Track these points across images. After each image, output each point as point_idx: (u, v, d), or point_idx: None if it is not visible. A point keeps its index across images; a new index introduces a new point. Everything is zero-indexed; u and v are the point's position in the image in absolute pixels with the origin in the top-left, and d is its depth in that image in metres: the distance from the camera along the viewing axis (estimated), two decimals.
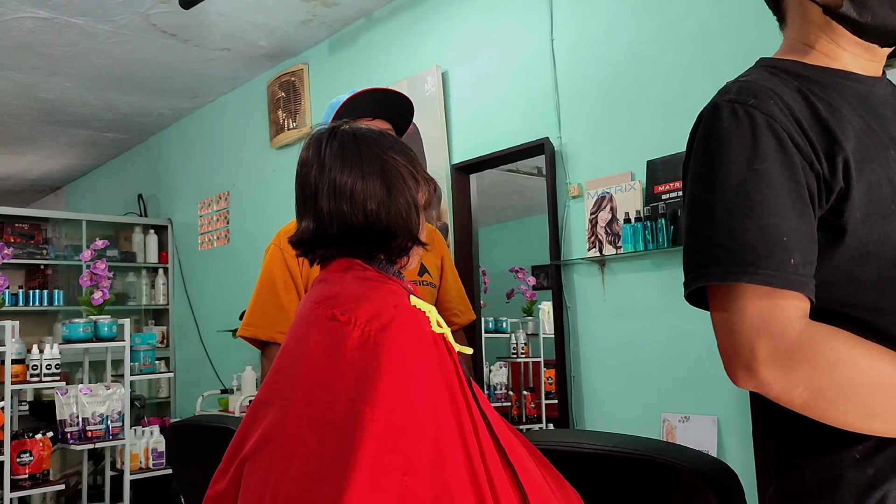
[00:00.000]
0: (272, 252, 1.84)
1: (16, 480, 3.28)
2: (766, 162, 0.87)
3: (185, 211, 5.49)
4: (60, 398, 3.60)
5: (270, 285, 1.80)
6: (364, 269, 1.10)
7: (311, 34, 4.03)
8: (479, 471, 0.97)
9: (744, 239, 0.86)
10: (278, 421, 1.02)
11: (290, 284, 1.78)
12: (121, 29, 3.85)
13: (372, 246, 1.12)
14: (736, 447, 2.31)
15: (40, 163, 6.59)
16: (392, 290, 1.07)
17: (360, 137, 1.16)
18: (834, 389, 0.83)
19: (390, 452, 0.92)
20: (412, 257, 1.16)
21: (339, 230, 1.11)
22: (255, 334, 1.80)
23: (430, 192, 1.19)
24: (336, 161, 1.12)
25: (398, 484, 0.91)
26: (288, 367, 1.06)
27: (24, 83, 4.59)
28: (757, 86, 0.92)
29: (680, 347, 2.47)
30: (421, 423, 0.96)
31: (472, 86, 3.26)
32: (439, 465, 0.94)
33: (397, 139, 1.20)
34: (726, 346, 0.88)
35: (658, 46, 2.58)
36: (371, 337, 0.99)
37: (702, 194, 0.91)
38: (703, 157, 0.92)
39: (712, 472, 1.12)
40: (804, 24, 1.00)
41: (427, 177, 1.19)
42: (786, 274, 0.85)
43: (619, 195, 2.63)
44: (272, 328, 1.77)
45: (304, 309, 1.12)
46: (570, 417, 2.78)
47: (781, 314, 0.85)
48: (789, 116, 0.89)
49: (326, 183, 1.11)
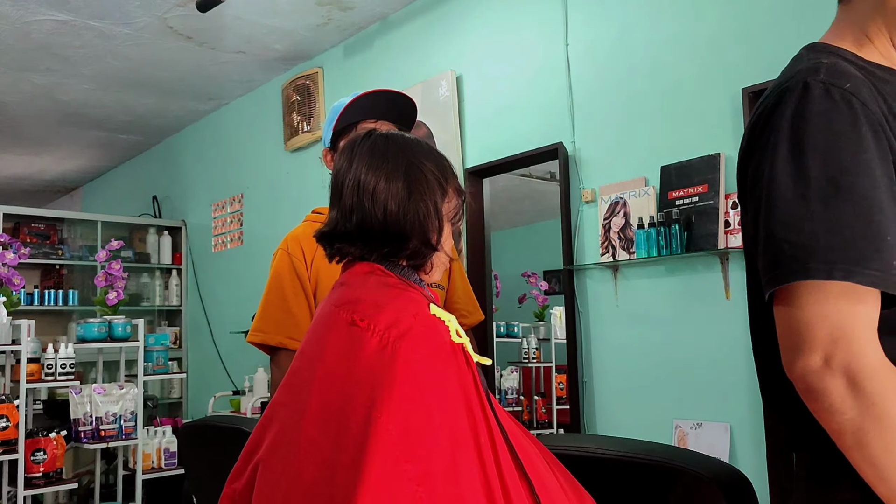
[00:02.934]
0: (280, 257, 1.83)
1: (29, 478, 3.31)
2: (867, 153, 0.81)
3: (199, 213, 5.52)
4: (74, 397, 3.62)
5: (279, 290, 1.79)
6: (386, 274, 1.10)
7: (326, 38, 4.05)
8: (493, 482, 0.96)
9: (848, 234, 0.80)
10: (294, 424, 1.02)
11: (299, 289, 1.77)
12: (138, 31, 3.88)
13: (388, 246, 1.12)
14: (749, 455, 2.30)
15: (56, 164, 6.65)
16: (412, 297, 1.07)
17: (392, 140, 1.17)
18: (872, 440, 0.80)
19: (405, 462, 0.92)
20: (436, 267, 1.16)
21: (357, 225, 1.12)
22: (265, 340, 1.79)
23: (460, 204, 1.18)
24: (364, 160, 1.14)
25: (412, 494, 0.91)
26: (305, 369, 1.07)
27: (42, 85, 4.64)
28: (845, 69, 0.86)
29: (693, 354, 2.46)
30: (436, 432, 0.95)
31: (487, 90, 3.27)
32: (453, 476, 0.94)
33: (433, 148, 1.21)
34: (796, 342, 0.84)
35: (672, 52, 2.57)
36: (389, 344, 0.98)
37: (792, 181, 0.83)
38: (792, 140, 0.85)
39: (727, 478, 1.12)
40: (872, 14, 0.93)
41: (459, 188, 1.19)
42: (889, 276, 0.80)
43: (633, 200, 2.63)
44: (281, 334, 1.77)
45: (323, 311, 1.12)
46: (582, 423, 2.77)
47: (861, 326, 0.81)
48: (877, 108, 0.84)
49: (352, 179, 1.14)
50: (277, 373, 1.79)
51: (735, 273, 2.37)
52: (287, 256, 1.81)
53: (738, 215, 2.35)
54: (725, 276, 2.39)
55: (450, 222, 1.18)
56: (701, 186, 2.43)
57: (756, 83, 2.30)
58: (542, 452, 1.08)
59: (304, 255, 1.79)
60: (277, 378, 1.79)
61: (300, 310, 1.77)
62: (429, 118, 3.46)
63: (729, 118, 2.39)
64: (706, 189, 2.42)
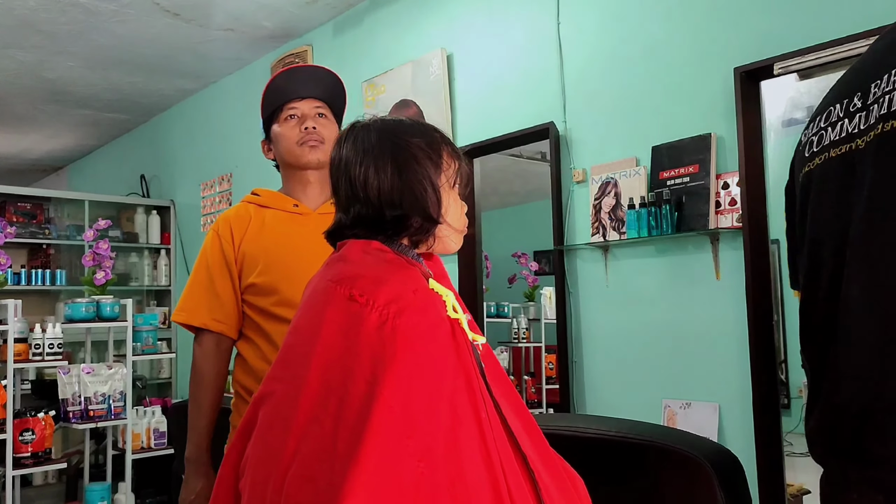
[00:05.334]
0: (210, 237, 1.82)
1: (18, 458, 3.30)
2: None
3: (187, 192, 5.48)
4: (63, 377, 3.61)
5: (206, 271, 1.79)
6: (383, 251, 1.10)
7: (315, 15, 4.01)
8: (493, 457, 0.97)
9: None
10: (290, 399, 1.02)
11: (225, 272, 1.77)
12: (124, 8, 3.82)
13: (389, 230, 1.11)
14: (737, 434, 2.31)
15: (42, 142, 6.58)
16: (411, 274, 1.07)
17: (373, 127, 1.17)
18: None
19: (406, 438, 0.92)
20: (441, 239, 1.15)
21: (355, 217, 1.13)
22: (188, 320, 1.78)
23: (456, 168, 1.17)
24: (351, 153, 1.14)
25: (414, 470, 0.91)
26: (301, 344, 1.06)
27: (27, 62, 4.57)
28: None
29: (682, 334, 2.47)
30: (437, 408, 0.96)
31: (478, 69, 3.24)
32: (455, 452, 0.94)
33: (419, 122, 1.20)
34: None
35: (663, 31, 2.56)
36: (389, 320, 0.98)
37: None
38: None
39: (717, 458, 1.12)
40: None
41: (453, 153, 1.17)
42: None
43: (624, 181, 2.62)
44: (206, 314, 1.76)
45: (318, 286, 1.11)
46: (571, 402, 2.78)
47: None
48: None
49: (343, 174, 1.14)
50: (199, 353, 1.78)
51: (725, 253, 2.37)
52: (217, 237, 1.80)
53: (729, 196, 2.35)
54: (716, 257, 2.39)
55: (452, 188, 1.16)
56: (692, 167, 2.43)
57: (748, 63, 2.29)
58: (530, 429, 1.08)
59: (232, 237, 1.78)
60: (199, 359, 1.77)
61: (225, 291, 1.76)
62: (419, 97, 3.44)
63: (720, 98, 2.38)
64: (697, 169, 2.41)
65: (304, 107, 1.82)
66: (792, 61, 2.18)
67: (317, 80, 1.86)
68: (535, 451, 1.04)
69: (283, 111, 1.82)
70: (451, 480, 0.93)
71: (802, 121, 2.56)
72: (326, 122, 1.84)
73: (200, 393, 1.76)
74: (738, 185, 2.31)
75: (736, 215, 2.32)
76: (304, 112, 1.82)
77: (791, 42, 2.18)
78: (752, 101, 2.32)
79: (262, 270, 1.73)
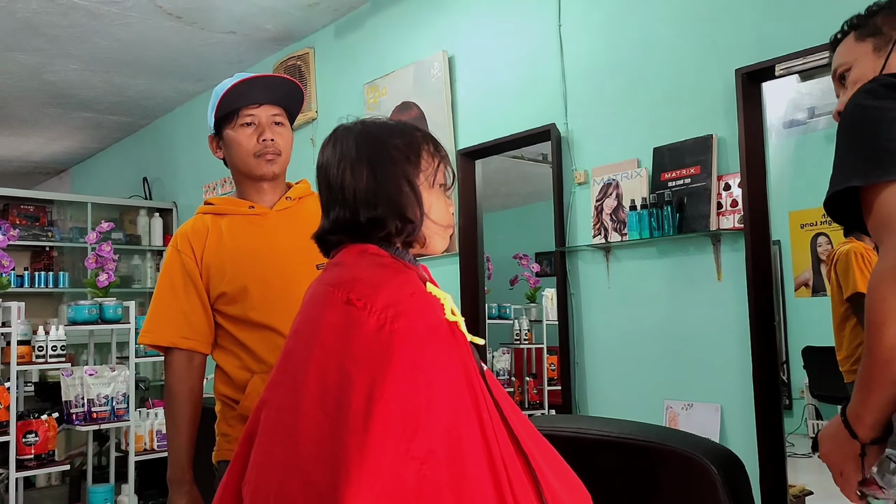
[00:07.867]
0: (170, 254, 1.78)
1: (21, 460, 3.30)
2: None
3: (189, 194, 5.49)
4: (66, 379, 3.61)
5: (170, 290, 1.75)
6: (380, 255, 1.10)
7: (317, 18, 4.01)
8: (496, 457, 0.97)
9: None
10: (290, 404, 1.02)
11: (190, 286, 1.74)
12: (126, 11, 3.83)
13: (371, 231, 1.11)
14: (739, 435, 2.31)
15: (45, 145, 6.59)
16: (408, 277, 1.07)
17: (352, 129, 1.17)
18: None
19: (408, 441, 0.92)
20: (430, 238, 1.16)
21: (333, 222, 1.13)
22: (155, 341, 1.75)
23: (436, 166, 1.16)
24: (332, 156, 1.15)
25: (416, 472, 0.91)
26: (300, 349, 1.06)
27: (29, 65, 4.58)
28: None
29: (684, 335, 2.47)
30: (438, 410, 0.96)
31: (479, 71, 3.25)
32: (457, 452, 0.95)
33: (398, 122, 1.19)
34: None
35: (665, 33, 2.56)
36: (387, 324, 0.98)
37: None
38: None
39: (719, 459, 1.13)
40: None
41: (434, 151, 1.17)
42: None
43: (625, 182, 2.63)
44: (173, 333, 1.73)
45: (316, 291, 1.11)
46: (573, 404, 2.78)
47: None
48: None
49: (323, 178, 1.15)
50: (170, 373, 1.75)
51: (727, 255, 2.37)
52: (177, 254, 1.77)
53: (730, 197, 2.35)
54: (717, 258, 2.39)
55: (434, 188, 1.16)
56: (693, 168, 2.43)
57: (749, 64, 2.29)
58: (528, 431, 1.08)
59: (192, 251, 1.75)
60: (170, 378, 1.75)
61: (192, 307, 1.74)
62: (421, 99, 3.44)
63: (722, 99, 2.39)
64: (698, 171, 2.42)
65: (261, 114, 1.78)
66: (793, 62, 2.18)
67: (275, 86, 1.82)
68: (538, 450, 1.05)
69: (239, 116, 1.78)
70: (454, 481, 0.93)
71: (803, 122, 2.56)
72: (283, 131, 1.81)
73: (176, 412, 1.74)
74: (740, 186, 2.31)
75: (737, 216, 2.32)
76: (261, 120, 1.78)
77: (792, 43, 2.19)
78: (754, 103, 2.32)
79: (230, 278, 1.71)
